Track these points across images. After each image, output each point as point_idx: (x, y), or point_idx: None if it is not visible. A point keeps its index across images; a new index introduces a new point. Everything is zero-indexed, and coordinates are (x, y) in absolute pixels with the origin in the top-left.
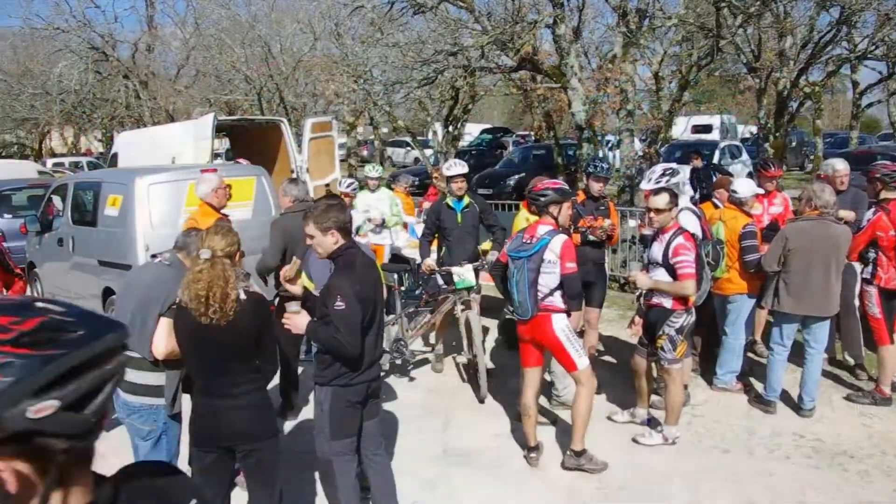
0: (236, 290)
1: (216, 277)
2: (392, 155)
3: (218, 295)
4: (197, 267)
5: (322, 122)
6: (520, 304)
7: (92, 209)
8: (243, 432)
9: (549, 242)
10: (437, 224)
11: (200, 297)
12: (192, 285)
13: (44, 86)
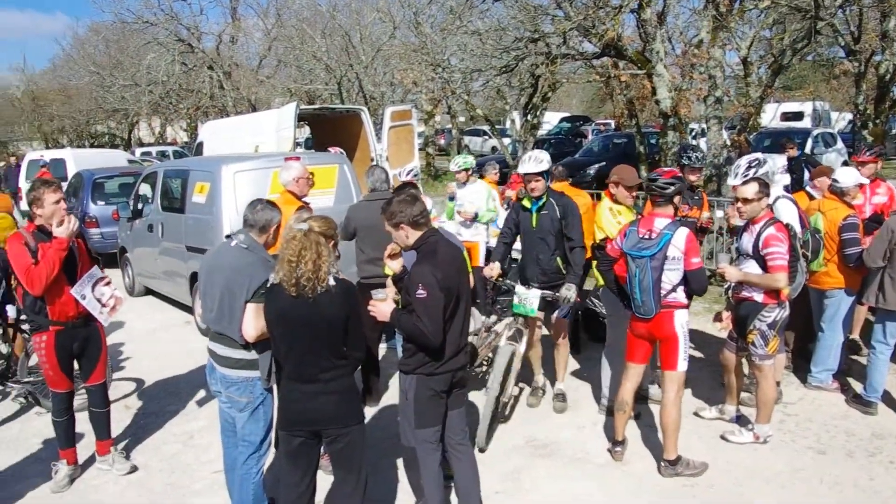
0: (329, 269)
1: (307, 247)
2: (469, 144)
3: (310, 265)
4: (291, 234)
5: (402, 111)
6: (643, 303)
7: (180, 196)
8: (331, 417)
9: (671, 238)
10: (515, 225)
11: (291, 262)
12: (284, 253)
13: (133, 77)
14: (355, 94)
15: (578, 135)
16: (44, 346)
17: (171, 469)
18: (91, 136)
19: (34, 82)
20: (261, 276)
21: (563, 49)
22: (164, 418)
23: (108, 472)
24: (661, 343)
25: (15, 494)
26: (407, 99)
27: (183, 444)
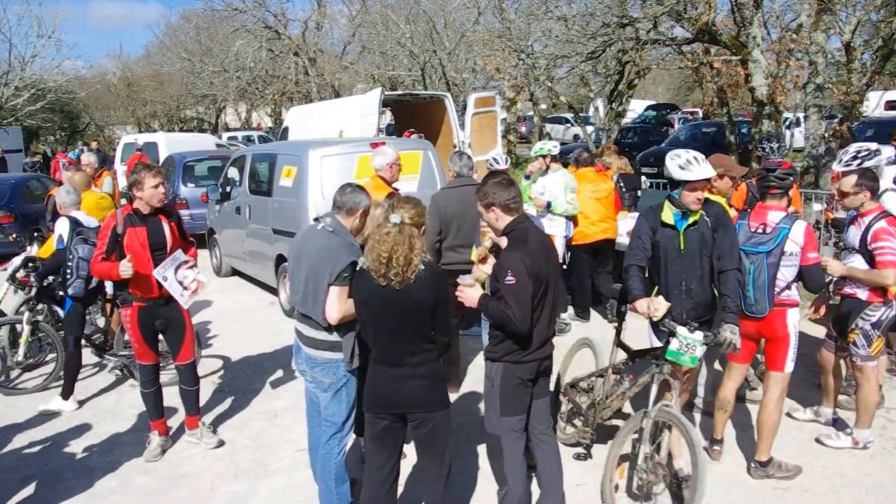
0: (420, 258)
1: (401, 242)
2: (551, 131)
3: (401, 259)
4: (384, 229)
5: (485, 97)
6: (755, 301)
7: (267, 180)
8: (417, 401)
9: (789, 232)
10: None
11: (382, 258)
12: (376, 247)
13: (222, 63)
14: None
15: (665, 123)
16: (129, 319)
17: (257, 446)
18: (181, 120)
19: (129, 69)
20: (345, 260)
21: (653, 34)
22: (249, 396)
23: (197, 446)
24: (769, 343)
25: (113, 461)
26: (489, 85)
27: (267, 421)
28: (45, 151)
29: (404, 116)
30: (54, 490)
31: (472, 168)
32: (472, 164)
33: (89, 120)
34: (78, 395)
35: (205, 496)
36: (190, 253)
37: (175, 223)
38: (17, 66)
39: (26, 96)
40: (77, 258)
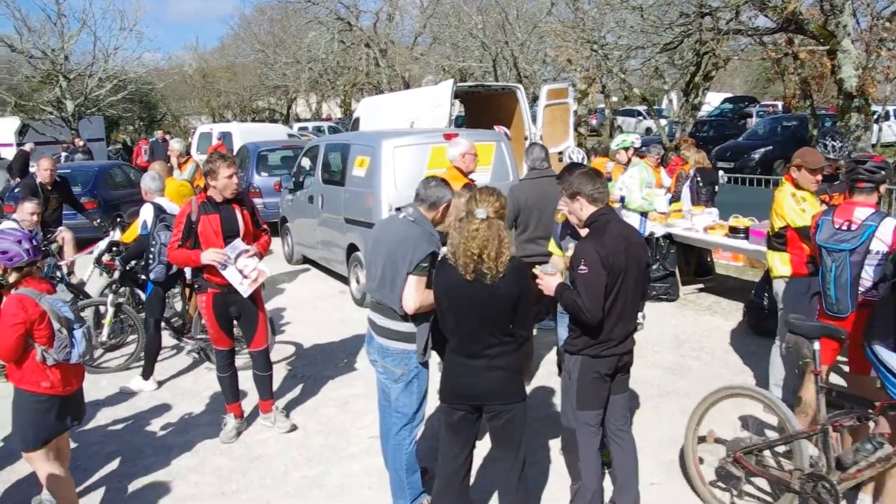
0: (510, 250)
1: (491, 237)
2: (622, 124)
3: (493, 254)
4: (473, 226)
5: (558, 89)
6: (837, 301)
7: (340, 170)
8: (494, 393)
9: (876, 229)
10: None
11: (473, 255)
12: (466, 244)
13: (294, 55)
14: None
15: (743, 116)
16: (204, 305)
17: (329, 431)
18: (253, 111)
19: (204, 60)
20: (424, 249)
21: (734, 24)
22: (321, 382)
23: (271, 429)
24: (852, 345)
25: (190, 441)
26: (560, 77)
27: (339, 408)
28: (126, 140)
29: (475, 108)
30: (136, 466)
31: (545, 159)
32: (546, 156)
33: (166, 110)
34: (157, 375)
35: (279, 479)
36: (263, 241)
37: (248, 211)
38: (101, 58)
39: (109, 87)
40: (159, 244)
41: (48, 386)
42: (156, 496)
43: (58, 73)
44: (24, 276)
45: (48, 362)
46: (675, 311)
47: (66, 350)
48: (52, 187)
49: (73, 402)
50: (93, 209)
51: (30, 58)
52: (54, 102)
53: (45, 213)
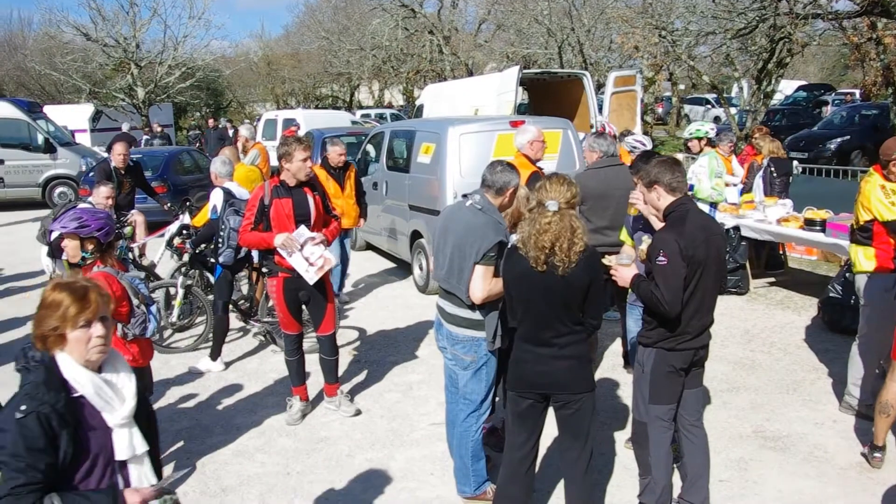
0: (583, 240)
1: (563, 229)
2: (689, 112)
3: (565, 246)
4: (544, 218)
5: (626, 76)
6: None
7: (405, 156)
8: (563, 382)
9: None
10: None
11: (545, 248)
12: (538, 237)
13: (359, 42)
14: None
15: (818, 105)
16: (274, 289)
17: (392, 416)
18: (316, 98)
19: (270, 48)
20: (491, 239)
21: (812, 8)
22: (384, 368)
23: (335, 413)
24: None
25: (257, 421)
26: (626, 65)
27: (402, 394)
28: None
29: (539, 95)
30: (205, 444)
31: (616, 148)
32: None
33: (232, 97)
34: (224, 357)
35: (343, 461)
36: (333, 227)
37: (320, 196)
38: (171, 46)
39: (177, 74)
40: (228, 228)
41: (130, 359)
42: (224, 473)
43: (129, 61)
44: (104, 255)
45: (127, 338)
46: (745, 304)
47: (144, 325)
48: (126, 171)
49: (147, 375)
50: (163, 193)
51: (104, 46)
52: (126, 89)
53: (119, 197)
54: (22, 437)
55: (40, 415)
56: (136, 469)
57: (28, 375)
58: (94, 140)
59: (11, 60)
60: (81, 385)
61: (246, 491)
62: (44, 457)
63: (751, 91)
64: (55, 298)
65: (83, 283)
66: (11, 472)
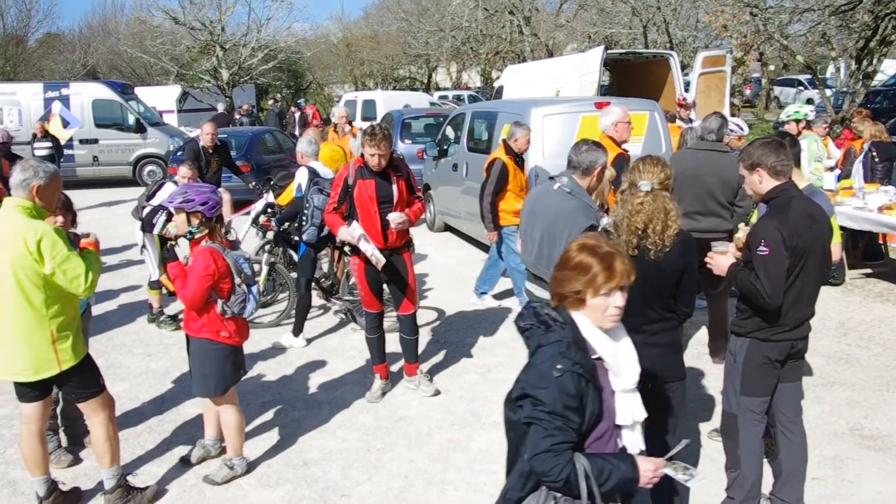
0: (677, 223)
1: (657, 211)
2: (780, 94)
3: (659, 228)
4: (637, 199)
5: (715, 56)
6: None
7: (486, 138)
8: (652, 370)
9: None
10: None
11: (638, 230)
12: (630, 217)
13: (438, 23)
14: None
15: None
16: (356, 268)
17: (471, 397)
18: (394, 79)
19: (349, 30)
20: (582, 224)
21: None
22: (463, 349)
23: (414, 392)
24: None
25: (338, 398)
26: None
27: (482, 376)
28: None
29: (622, 76)
30: (287, 417)
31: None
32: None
33: (312, 79)
34: (306, 333)
35: (422, 440)
36: (415, 208)
37: (404, 179)
38: (254, 29)
39: (260, 56)
40: (313, 207)
41: (226, 336)
42: (306, 447)
43: (215, 44)
44: (211, 230)
45: (226, 315)
46: (840, 296)
47: (243, 305)
48: (213, 150)
49: (242, 353)
50: (247, 172)
51: (191, 29)
52: (211, 71)
53: (206, 175)
54: (561, 394)
55: (574, 374)
56: (629, 435)
57: (546, 334)
58: (181, 121)
59: (105, 44)
60: (601, 347)
61: (328, 465)
62: (575, 417)
63: (848, 71)
64: (583, 261)
65: (609, 249)
66: (550, 429)
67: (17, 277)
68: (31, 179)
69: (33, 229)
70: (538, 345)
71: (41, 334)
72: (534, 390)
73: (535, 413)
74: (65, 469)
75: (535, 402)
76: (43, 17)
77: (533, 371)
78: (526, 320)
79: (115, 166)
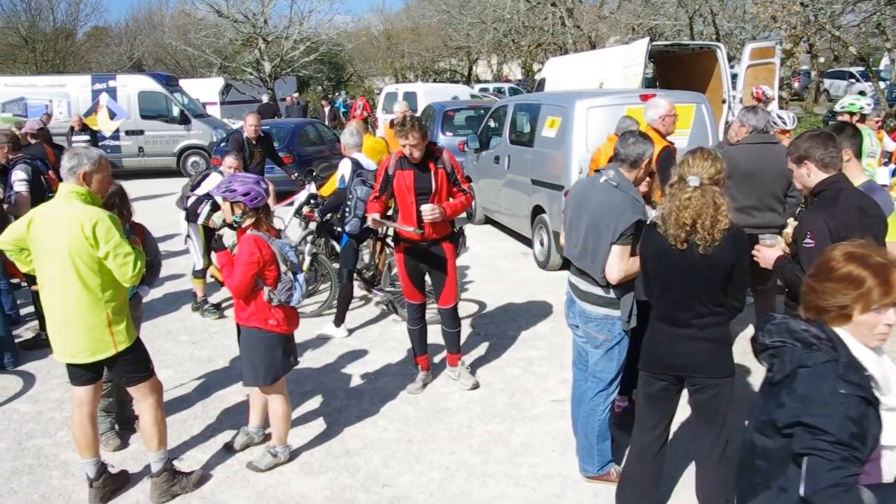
0: (728, 218)
1: (705, 206)
2: (829, 87)
3: (707, 223)
4: (685, 194)
5: (764, 48)
6: None
7: (529, 130)
8: (700, 365)
9: None
10: None
11: (685, 225)
12: (678, 213)
13: (479, 15)
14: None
15: None
16: (398, 260)
17: (512, 391)
18: (434, 72)
19: (390, 22)
20: (629, 218)
21: None
22: (504, 342)
23: (455, 384)
24: None
25: (379, 388)
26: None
27: (522, 369)
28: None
29: (667, 69)
30: (329, 406)
31: (767, 123)
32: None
33: (352, 71)
34: (347, 323)
35: (463, 432)
36: (457, 200)
37: (445, 170)
38: (297, 21)
39: (302, 49)
40: (356, 198)
41: (274, 324)
42: (348, 437)
43: (257, 36)
44: (257, 219)
45: (273, 303)
46: None
47: (290, 293)
48: (257, 142)
49: (293, 342)
50: (289, 164)
51: (234, 22)
52: (253, 63)
53: (250, 166)
54: (846, 422)
55: (857, 398)
56: (889, 455)
57: (810, 354)
58: (224, 112)
59: (151, 37)
60: (871, 366)
61: (369, 454)
62: (861, 445)
63: None
64: (852, 273)
65: (881, 260)
66: (836, 461)
67: (75, 262)
68: (78, 167)
69: (89, 215)
70: (799, 365)
71: (98, 317)
72: (812, 418)
73: (815, 443)
74: (112, 452)
75: (813, 430)
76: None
77: (803, 396)
78: (775, 336)
79: (159, 157)
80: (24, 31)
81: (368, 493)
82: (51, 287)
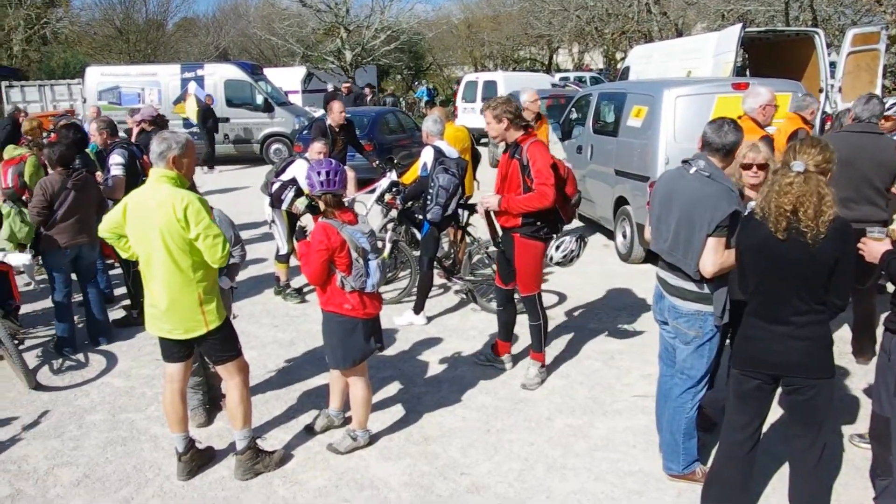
0: (833, 209)
1: (808, 193)
2: None
3: (810, 213)
4: (786, 179)
5: (867, 34)
6: None
7: (614, 120)
8: (797, 365)
9: None
10: None
11: (785, 211)
12: (776, 197)
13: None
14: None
15: None
16: None
17: (592, 384)
18: (514, 61)
19: (470, 11)
20: (725, 209)
21: None
22: (584, 335)
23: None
24: None
25: (458, 377)
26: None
27: (603, 363)
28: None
29: (760, 56)
30: (408, 393)
31: (878, 115)
32: (880, 111)
33: (432, 60)
34: (427, 311)
35: (543, 424)
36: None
37: (518, 162)
38: (378, 11)
39: (383, 38)
40: (438, 186)
41: (350, 308)
42: (426, 424)
43: (339, 25)
44: (332, 206)
45: (346, 288)
46: None
47: (362, 279)
48: (340, 129)
49: (375, 327)
50: (369, 151)
51: (316, 11)
52: (335, 52)
53: (332, 153)
54: None
55: None
56: None
57: None
58: (306, 101)
59: (236, 27)
60: None
61: (447, 442)
62: None
63: None
64: None
65: None
66: None
67: (167, 244)
68: (168, 151)
69: (180, 197)
70: None
71: (190, 297)
72: None
73: None
74: (198, 428)
75: None
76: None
77: None
78: None
79: (243, 144)
80: (119, 22)
81: (446, 481)
82: (147, 268)
